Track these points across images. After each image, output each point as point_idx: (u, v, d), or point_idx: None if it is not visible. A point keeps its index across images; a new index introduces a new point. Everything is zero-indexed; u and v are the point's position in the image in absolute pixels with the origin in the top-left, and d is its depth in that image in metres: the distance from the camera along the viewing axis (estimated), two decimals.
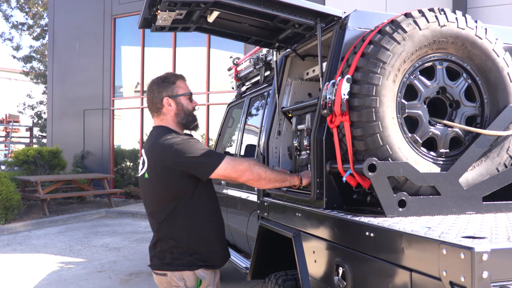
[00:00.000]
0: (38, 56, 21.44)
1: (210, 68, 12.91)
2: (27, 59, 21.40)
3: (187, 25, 2.91)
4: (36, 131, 22.37)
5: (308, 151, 2.74)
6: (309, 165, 2.71)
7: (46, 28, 19.66)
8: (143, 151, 2.49)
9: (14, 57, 21.70)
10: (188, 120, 2.49)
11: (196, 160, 2.27)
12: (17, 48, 21.77)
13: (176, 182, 2.30)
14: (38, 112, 21.77)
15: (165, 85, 2.45)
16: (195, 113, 2.54)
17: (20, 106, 22.31)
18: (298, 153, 2.92)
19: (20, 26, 21.43)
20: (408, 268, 1.69)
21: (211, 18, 2.81)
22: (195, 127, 2.54)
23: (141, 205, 12.22)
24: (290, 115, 3.16)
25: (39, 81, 21.27)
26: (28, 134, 22.14)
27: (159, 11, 2.63)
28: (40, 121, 21.70)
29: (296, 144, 2.90)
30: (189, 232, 2.34)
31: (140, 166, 2.50)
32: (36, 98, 22.20)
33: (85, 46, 14.77)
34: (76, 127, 14.82)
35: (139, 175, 2.50)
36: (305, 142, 2.77)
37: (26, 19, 21.48)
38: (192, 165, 2.27)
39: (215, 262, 2.42)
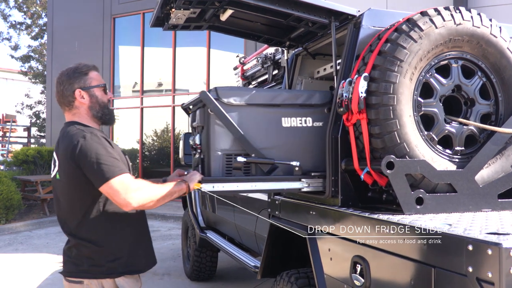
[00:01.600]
0: (37, 55, 21.38)
1: (210, 68, 12.90)
2: (25, 58, 21.33)
3: (199, 23, 2.93)
4: (34, 130, 22.30)
5: (199, 150, 2.60)
6: (199, 165, 2.61)
7: (45, 27, 19.62)
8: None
9: (12, 56, 21.63)
10: (104, 113, 2.29)
11: (93, 165, 2.04)
12: (15, 47, 21.70)
13: (86, 181, 2.09)
14: (37, 112, 21.71)
15: (77, 76, 2.25)
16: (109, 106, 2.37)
17: (18, 106, 22.24)
18: (194, 152, 2.75)
19: (18, 26, 21.37)
20: (430, 265, 1.70)
21: (224, 17, 2.82)
22: (111, 121, 2.35)
23: None
24: (190, 112, 3.01)
25: (37, 80, 21.21)
26: (25, 134, 22.06)
27: (173, 10, 2.64)
28: (38, 121, 21.64)
29: (192, 143, 2.73)
30: (109, 235, 2.17)
31: (52, 167, 2.29)
32: (35, 98, 22.14)
33: (85, 45, 14.72)
34: None
35: (52, 176, 2.28)
36: (196, 141, 2.60)
37: (24, 18, 21.41)
38: (88, 168, 2.05)
39: (138, 267, 2.26)
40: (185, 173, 2.50)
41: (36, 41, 21.63)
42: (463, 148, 2.37)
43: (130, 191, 2.04)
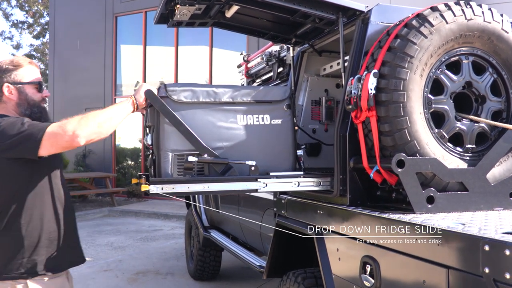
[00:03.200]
0: (39, 55, 21.38)
1: (213, 66, 12.86)
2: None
3: (204, 20, 2.88)
4: None
5: (151, 151, 2.49)
6: (152, 167, 2.50)
7: (46, 26, 19.61)
8: None
9: (14, 55, 21.62)
10: (33, 112, 2.16)
11: (19, 135, 1.93)
12: (17, 46, 21.75)
13: (7, 171, 2.01)
14: None
15: (9, 70, 2.14)
16: (44, 104, 2.25)
17: None
18: (148, 153, 2.64)
19: (20, 25, 21.37)
20: (444, 265, 1.66)
21: (229, 13, 2.78)
22: (43, 120, 2.18)
23: (144, 204, 12.20)
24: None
25: None
26: None
27: (178, 6, 2.60)
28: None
29: (145, 143, 2.61)
30: (22, 236, 2.06)
31: None
32: None
33: (87, 44, 14.70)
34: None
35: None
36: (148, 141, 2.50)
37: (26, 17, 21.43)
38: (15, 143, 1.94)
39: (59, 265, 2.16)
40: None
41: (38, 40, 21.65)
42: (474, 146, 2.33)
43: (69, 126, 1.94)
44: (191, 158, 2.33)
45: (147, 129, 2.57)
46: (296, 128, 2.59)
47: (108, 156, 14.27)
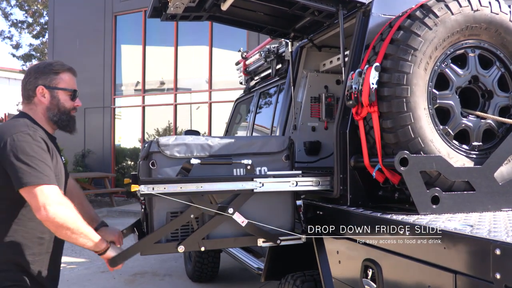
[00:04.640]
0: (38, 54, 21.32)
1: (213, 66, 12.78)
2: (26, 57, 21.27)
3: (199, 13, 2.79)
4: None
5: (143, 206, 2.42)
6: (144, 222, 2.40)
7: (46, 26, 19.56)
8: None
9: (14, 55, 21.56)
10: (61, 119, 2.12)
11: (18, 164, 1.86)
12: (17, 46, 21.64)
13: (3, 178, 1.91)
14: None
15: (46, 72, 2.10)
16: (74, 113, 2.19)
17: (20, 105, 22.19)
18: (143, 207, 2.54)
19: (19, 24, 21.30)
20: (451, 270, 1.56)
21: (225, 6, 2.69)
22: (68, 128, 2.16)
23: None
24: None
25: None
26: None
27: None
28: None
29: (138, 195, 2.45)
30: (7, 243, 1.95)
31: None
32: None
33: (86, 44, 14.63)
34: (77, 125, 14.61)
35: None
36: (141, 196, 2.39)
37: (26, 17, 21.34)
38: (12, 166, 1.87)
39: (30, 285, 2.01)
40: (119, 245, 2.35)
41: (38, 39, 21.58)
42: (481, 143, 2.25)
43: (54, 201, 1.85)
44: (194, 161, 2.24)
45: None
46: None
47: (107, 156, 14.20)
